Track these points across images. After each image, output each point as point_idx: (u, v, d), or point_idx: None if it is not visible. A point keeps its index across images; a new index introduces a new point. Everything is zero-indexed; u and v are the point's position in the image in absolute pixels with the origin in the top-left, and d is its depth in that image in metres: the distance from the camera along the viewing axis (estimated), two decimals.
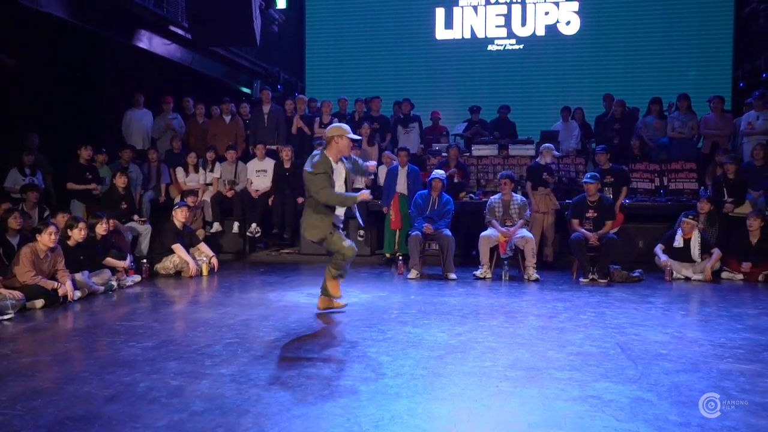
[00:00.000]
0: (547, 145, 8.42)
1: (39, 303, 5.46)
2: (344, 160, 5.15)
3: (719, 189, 7.84)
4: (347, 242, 5.08)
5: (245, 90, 12.14)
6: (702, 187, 8.56)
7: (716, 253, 7.17)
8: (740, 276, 7.13)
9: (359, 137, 5.16)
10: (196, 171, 8.96)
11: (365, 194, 5.12)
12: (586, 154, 9.77)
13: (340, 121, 9.90)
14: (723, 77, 11.91)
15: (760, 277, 7.05)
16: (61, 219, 6.51)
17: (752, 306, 5.78)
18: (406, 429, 2.87)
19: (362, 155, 8.85)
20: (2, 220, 6.15)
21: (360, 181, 8.67)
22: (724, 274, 7.25)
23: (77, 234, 6.14)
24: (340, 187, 5.06)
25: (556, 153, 8.72)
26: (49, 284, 5.57)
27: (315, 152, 5.11)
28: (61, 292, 5.61)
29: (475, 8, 13.04)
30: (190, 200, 8.04)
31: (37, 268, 5.57)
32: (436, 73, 13.21)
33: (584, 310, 5.53)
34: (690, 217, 7.26)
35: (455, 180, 8.49)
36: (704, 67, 12.10)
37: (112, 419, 2.96)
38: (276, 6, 12.12)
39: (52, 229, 5.67)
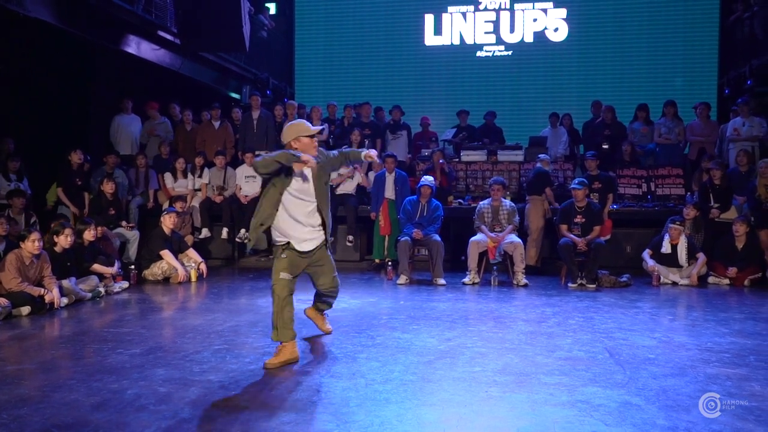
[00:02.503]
0: (544, 155, 8.48)
1: (25, 310, 5.41)
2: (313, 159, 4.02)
3: (705, 195, 7.91)
4: (282, 275, 4.02)
5: (234, 95, 12.12)
6: (689, 193, 8.64)
7: (701, 258, 7.24)
8: (726, 281, 7.21)
9: (321, 127, 4.16)
10: (185, 177, 8.93)
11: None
12: (574, 159, 9.85)
13: (329, 127, 9.97)
14: (708, 84, 12.03)
15: (746, 282, 7.12)
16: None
17: (738, 310, 5.84)
18: None
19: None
20: None
21: (350, 185, 8.69)
22: (711, 279, 7.32)
23: (64, 240, 6.08)
24: (310, 194, 4.09)
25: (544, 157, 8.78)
26: (36, 291, 5.52)
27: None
28: (47, 299, 5.56)
29: (464, 15, 13.09)
30: (178, 206, 8.01)
31: (23, 275, 5.52)
32: (425, 79, 13.22)
33: (573, 315, 5.56)
34: (676, 222, 7.32)
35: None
36: (690, 75, 12.23)
37: (100, 427, 2.93)
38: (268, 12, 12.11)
39: (36, 236, 5.62)
